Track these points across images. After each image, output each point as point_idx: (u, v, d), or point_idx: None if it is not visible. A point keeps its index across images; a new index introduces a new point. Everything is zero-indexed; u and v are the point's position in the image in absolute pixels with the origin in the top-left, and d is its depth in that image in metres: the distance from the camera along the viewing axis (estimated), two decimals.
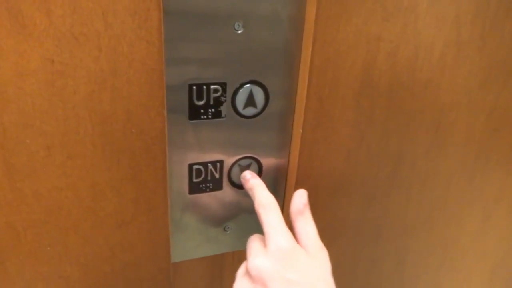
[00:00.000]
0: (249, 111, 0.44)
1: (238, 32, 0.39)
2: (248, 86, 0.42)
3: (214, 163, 0.45)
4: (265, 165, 0.47)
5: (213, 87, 0.41)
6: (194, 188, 0.45)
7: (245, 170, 0.46)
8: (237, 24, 0.39)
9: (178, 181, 0.44)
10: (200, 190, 0.46)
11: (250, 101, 0.43)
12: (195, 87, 0.40)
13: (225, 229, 0.49)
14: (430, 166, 0.55)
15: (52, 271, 0.44)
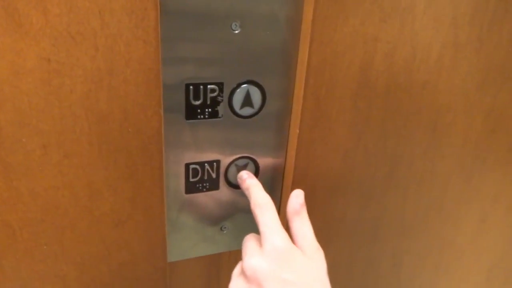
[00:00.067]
0: (246, 111, 0.44)
1: (235, 32, 0.39)
2: (245, 86, 0.42)
3: (210, 162, 0.45)
4: (262, 165, 0.47)
5: (210, 86, 0.41)
6: (191, 188, 0.45)
7: (242, 170, 0.46)
8: (234, 24, 0.39)
9: (175, 181, 0.44)
10: (197, 190, 0.46)
11: (247, 101, 0.43)
12: (192, 87, 0.40)
13: (221, 229, 0.49)
14: (427, 166, 0.55)
15: (48, 270, 0.44)
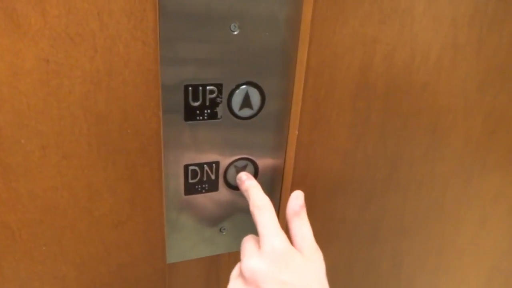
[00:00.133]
0: (245, 112, 0.43)
1: (234, 33, 0.39)
2: (244, 87, 0.42)
3: (210, 164, 0.45)
4: (261, 167, 0.47)
5: (209, 88, 0.41)
6: (190, 189, 0.45)
7: (241, 172, 0.46)
8: (233, 25, 0.39)
9: (174, 182, 0.44)
10: (196, 191, 0.46)
11: (246, 102, 0.43)
12: (191, 88, 0.40)
13: (221, 230, 0.49)
14: (427, 168, 0.55)
15: (47, 271, 0.44)
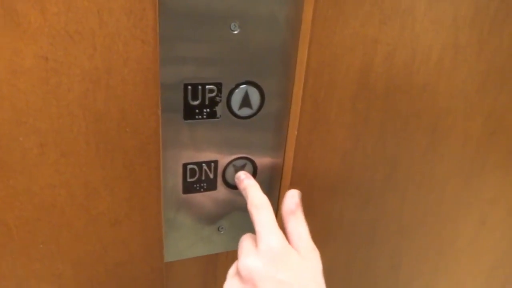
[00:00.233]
0: (244, 111, 0.43)
1: (234, 32, 0.39)
2: (244, 86, 0.42)
3: (208, 163, 0.45)
4: (260, 166, 0.47)
5: (208, 87, 0.41)
6: (188, 188, 0.45)
7: (240, 171, 0.46)
8: (233, 24, 0.39)
9: (172, 181, 0.44)
10: (194, 190, 0.46)
11: (246, 101, 0.43)
12: (190, 87, 0.40)
13: (219, 229, 0.49)
14: (426, 169, 0.55)
15: (44, 269, 0.43)
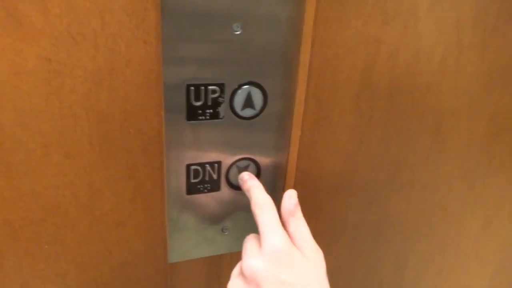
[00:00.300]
0: (247, 112, 0.43)
1: (237, 33, 0.39)
2: (247, 87, 0.42)
3: (212, 164, 0.45)
4: (263, 167, 0.47)
5: (211, 87, 0.41)
6: (192, 189, 0.45)
7: (243, 171, 0.46)
8: (235, 25, 0.39)
9: (176, 181, 0.44)
10: (198, 191, 0.46)
11: (248, 102, 0.43)
12: (193, 88, 0.40)
13: (222, 230, 0.49)
14: (431, 169, 0.55)
15: (49, 269, 0.44)
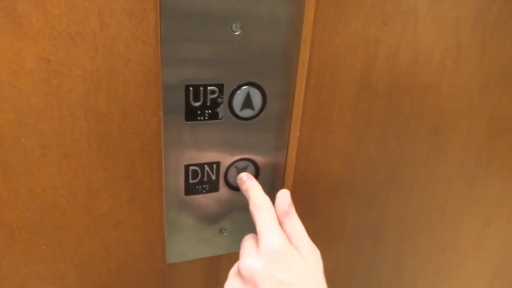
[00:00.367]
0: (246, 112, 0.43)
1: (236, 33, 0.39)
2: (246, 87, 0.42)
3: (210, 164, 0.45)
4: (262, 167, 0.47)
5: (210, 88, 0.41)
6: (190, 189, 0.45)
7: (242, 172, 0.46)
8: (235, 25, 0.39)
9: (174, 182, 0.44)
10: (196, 191, 0.46)
11: (247, 102, 0.43)
12: (191, 88, 0.40)
13: (221, 231, 0.49)
14: (430, 170, 0.55)
15: (46, 270, 0.44)
